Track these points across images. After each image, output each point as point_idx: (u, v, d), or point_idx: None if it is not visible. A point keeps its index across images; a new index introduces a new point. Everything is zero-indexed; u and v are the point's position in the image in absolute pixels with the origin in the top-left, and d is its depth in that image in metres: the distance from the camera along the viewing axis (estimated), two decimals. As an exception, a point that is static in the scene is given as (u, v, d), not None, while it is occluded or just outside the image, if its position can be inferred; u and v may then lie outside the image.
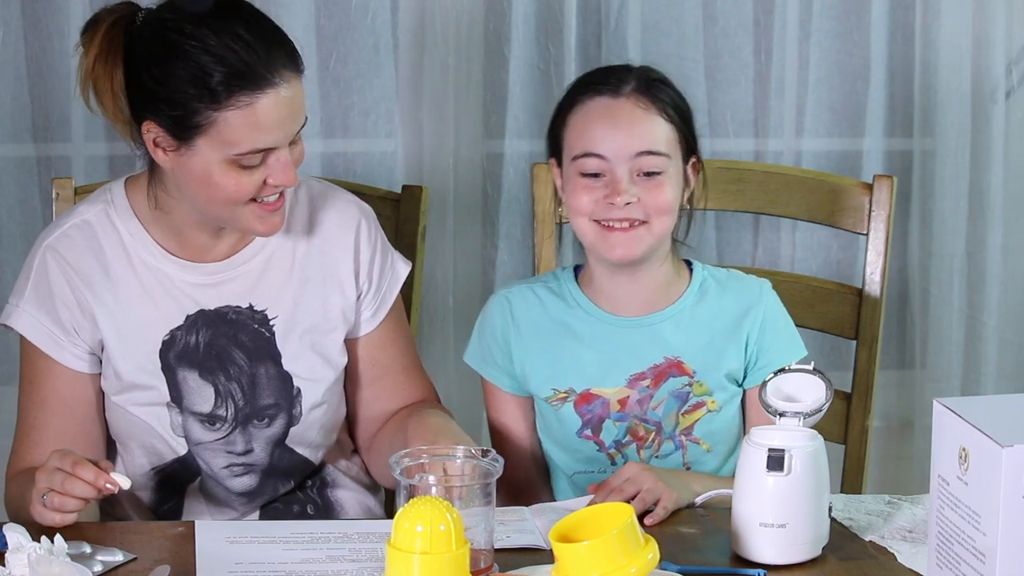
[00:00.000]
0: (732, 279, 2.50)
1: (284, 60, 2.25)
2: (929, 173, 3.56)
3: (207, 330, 2.40)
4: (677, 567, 2.05)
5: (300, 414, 2.44)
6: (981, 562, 1.82)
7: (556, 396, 2.46)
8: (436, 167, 3.47)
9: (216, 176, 2.27)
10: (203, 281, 2.41)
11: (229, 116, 2.23)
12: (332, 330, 2.46)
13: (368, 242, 2.48)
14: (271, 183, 2.28)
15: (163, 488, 2.45)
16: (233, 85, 2.22)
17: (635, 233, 2.37)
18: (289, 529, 2.21)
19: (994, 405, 1.94)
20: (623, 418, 2.45)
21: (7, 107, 3.38)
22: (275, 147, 2.26)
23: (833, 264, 3.59)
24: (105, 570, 2.05)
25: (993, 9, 3.49)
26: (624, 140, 2.36)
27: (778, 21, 3.49)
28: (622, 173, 2.36)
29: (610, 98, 2.38)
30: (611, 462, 2.47)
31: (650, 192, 2.36)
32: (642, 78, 2.40)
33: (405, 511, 1.82)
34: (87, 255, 2.39)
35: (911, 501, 2.32)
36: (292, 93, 2.26)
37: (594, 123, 2.38)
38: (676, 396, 2.44)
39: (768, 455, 2.09)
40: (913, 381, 3.63)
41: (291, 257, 2.44)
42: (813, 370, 2.19)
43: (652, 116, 2.38)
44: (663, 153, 2.37)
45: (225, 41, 2.23)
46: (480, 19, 3.44)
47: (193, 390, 2.40)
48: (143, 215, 2.41)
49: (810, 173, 2.88)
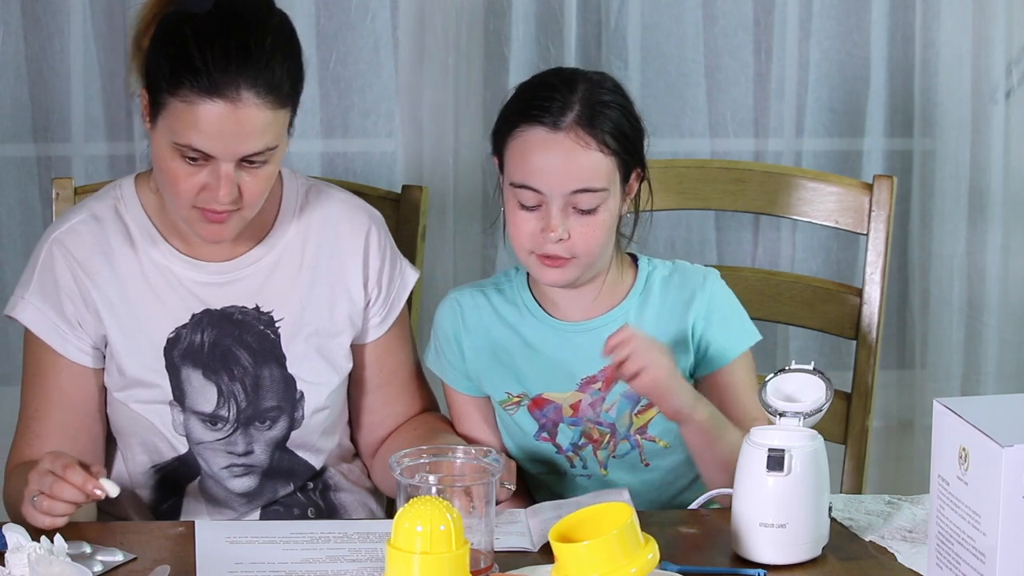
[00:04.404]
0: (676, 273, 2.48)
1: (253, 83, 2.23)
2: (929, 173, 3.56)
3: (212, 330, 2.40)
4: (677, 567, 2.05)
5: (302, 417, 2.44)
6: (981, 562, 1.82)
7: (510, 400, 2.46)
8: (436, 167, 3.47)
9: (166, 159, 2.28)
10: (210, 280, 2.41)
11: (175, 104, 2.25)
12: (338, 334, 2.45)
13: (378, 249, 2.48)
14: (207, 191, 2.28)
15: (163, 486, 2.45)
16: (183, 78, 2.23)
17: (564, 266, 2.36)
18: (289, 529, 2.21)
19: (994, 405, 1.94)
20: (577, 422, 2.45)
21: (7, 107, 3.38)
22: (214, 156, 2.25)
23: (833, 264, 3.59)
24: (105, 570, 2.05)
25: (993, 9, 3.49)
26: (560, 177, 2.33)
27: (778, 21, 3.49)
28: (556, 208, 2.33)
29: (549, 131, 2.33)
30: (570, 464, 2.47)
31: (582, 230, 2.34)
32: (586, 104, 2.34)
33: (405, 511, 1.82)
34: (94, 250, 2.39)
35: (911, 501, 2.32)
36: (248, 116, 2.24)
37: (531, 155, 2.34)
38: (627, 397, 2.44)
39: (768, 455, 2.09)
40: (913, 381, 3.63)
41: (299, 260, 2.44)
42: (813, 370, 2.19)
43: (590, 152, 2.33)
44: (599, 189, 2.34)
45: (203, 39, 2.24)
46: (480, 19, 3.44)
47: (196, 389, 2.40)
48: (152, 211, 2.41)
49: (810, 173, 2.88)
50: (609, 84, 2.40)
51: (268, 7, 2.32)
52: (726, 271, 2.61)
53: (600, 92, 2.37)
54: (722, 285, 2.47)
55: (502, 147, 2.39)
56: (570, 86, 2.36)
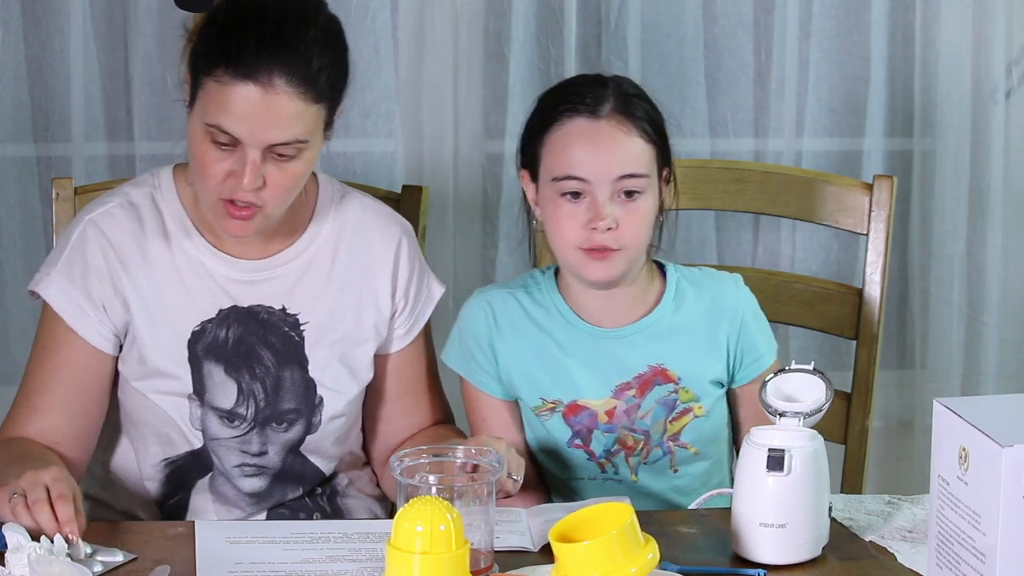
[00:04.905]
0: (705, 278, 2.49)
1: (287, 71, 2.25)
2: (929, 173, 3.56)
3: (238, 326, 2.40)
4: (677, 567, 2.05)
5: (319, 423, 2.44)
6: (981, 562, 1.82)
7: (544, 407, 2.45)
8: (436, 167, 3.47)
9: (197, 142, 2.30)
10: (241, 277, 2.41)
11: (210, 85, 2.27)
12: (363, 342, 2.46)
13: (408, 260, 2.48)
14: (233, 178, 2.28)
15: (172, 481, 2.45)
16: (219, 59, 2.26)
17: (611, 258, 2.36)
18: (289, 529, 2.21)
19: (994, 405, 1.94)
20: (611, 429, 2.44)
21: (7, 107, 3.38)
22: (242, 140, 2.26)
23: (833, 264, 3.59)
24: (105, 570, 2.05)
25: (993, 9, 3.49)
26: (606, 163, 2.34)
27: (778, 21, 3.49)
28: (603, 196, 2.34)
29: (589, 119, 2.35)
30: (601, 470, 2.47)
31: (629, 217, 2.34)
32: (619, 95, 2.37)
33: (405, 511, 1.82)
34: (128, 236, 2.39)
35: (911, 501, 2.32)
36: (279, 103, 2.25)
37: (574, 145, 2.35)
38: (663, 404, 2.44)
39: (768, 455, 2.09)
40: (913, 381, 3.62)
41: (330, 265, 2.44)
42: (813, 370, 2.19)
43: (632, 137, 2.35)
44: (643, 174, 2.36)
45: (244, 23, 2.27)
46: (480, 19, 3.44)
47: (217, 385, 2.40)
48: (188, 203, 2.42)
49: (810, 173, 2.88)
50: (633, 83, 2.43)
51: (317, 6, 2.35)
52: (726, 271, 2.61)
53: (628, 87, 2.41)
54: (748, 293, 2.50)
55: (536, 151, 2.40)
56: (599, 81, 2.40)
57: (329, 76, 2.30)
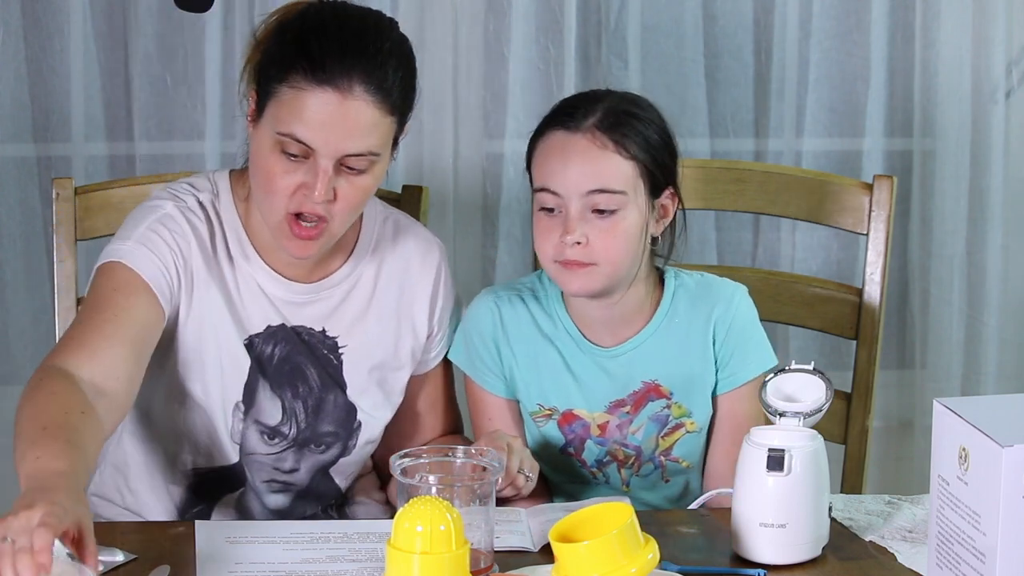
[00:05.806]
0: (702, 288, 2.47)
1: (366, 78, 2.23)
2: (929, 173, 3.56)
3: (285, 344, 2.39)
4: (677, 567, 2.05)
5: (354, 447, 2.45)
6: (981, 562, 1.82)
7: (541, 412, 2.46)
8: (436, 167, 3.47)
9: (265, 154, 2.26)
10: (292, 299, 2.39)
11: (284, 92, 2.24)
12: (400, 368, 2.46)
13: (445, 285, 2.49)
14: (303, 191, 2.25)
15: (198, 490, 2.43)
16: (296, 65, 2.23)
17: (588, 272, 2.35)
18: (289, 529, 2.21)
19: (994, 405, 1.94)
20: (603, 442, 2.45)
21: (7, 107, 3.38)
22: (316, 149, 2.23)
23: (833, 264, 3.59)
24: (105, 570, 2.05)
25: (993, 9, 3.49)
26: (576, 177, 2.33)
27: (778, 21, 3.49)
28: (574, 210, 2.33)
29: (567, 133, 2.34)
30: (592, 477, 2.47)
31: (601, 234, 2.33)
32: (608, 111, 2.35)
33: (405, 511, 1.82)
34: (202, 232, 2.35)
35: (911, 501, 2.32)
36: (356, 110, 2.23)
37: (550, 158, 2.35)
38: (655, 420, 2.44)
39: (768, 455, 2.09)
40: (913, 381, 3.63)
41: (371, 290, 2.44)
42: (813, 370, 2.19)
43: (607, 154, 2.33)
44: (617, 191, 2.33)
45: (322, 31, 2.25)
46: (480, 19, 3.44)
47: (264, 399, 2.39)
48: (243, 215, 2.39)
49: (810, 173, 2.88)
50: (643, 103, 2.41)
51: (390, 23, 2.34)
52: (726, 271, 2.61)
53: (628, 105, 2.38)
54: (748, 305, 2.47)
55: (529, 161, 2.40)
56: (596, 97, 2.39)
57: (402, 90, 2.29)
